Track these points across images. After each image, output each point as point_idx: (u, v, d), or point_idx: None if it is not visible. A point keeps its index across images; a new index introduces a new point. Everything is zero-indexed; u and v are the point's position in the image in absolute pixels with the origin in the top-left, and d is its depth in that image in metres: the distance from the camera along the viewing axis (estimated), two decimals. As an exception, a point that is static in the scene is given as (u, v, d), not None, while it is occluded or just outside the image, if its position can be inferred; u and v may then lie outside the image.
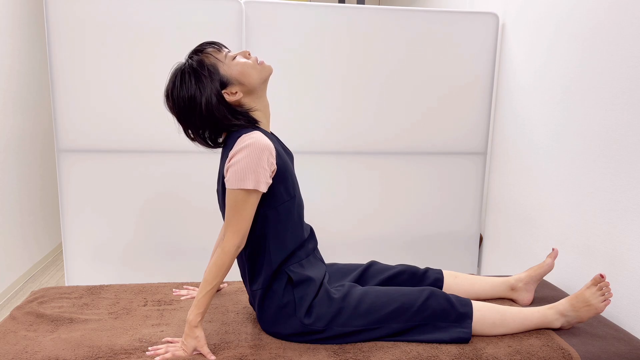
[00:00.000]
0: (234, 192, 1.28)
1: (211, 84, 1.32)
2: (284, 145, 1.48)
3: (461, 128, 2.43)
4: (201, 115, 1.32)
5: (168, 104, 1.36)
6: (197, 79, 1.31)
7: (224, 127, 1.36)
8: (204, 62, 1.33)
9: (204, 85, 1.31)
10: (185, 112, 1.33)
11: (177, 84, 1.33)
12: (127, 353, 1.30)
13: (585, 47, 1.76)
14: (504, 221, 2.34)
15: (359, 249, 2.50)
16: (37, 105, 3.48)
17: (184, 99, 1.32)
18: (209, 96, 1.31)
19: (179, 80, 1.33)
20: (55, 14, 2.09)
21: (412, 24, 2.30)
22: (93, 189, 2.25)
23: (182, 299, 1.64)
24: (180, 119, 1.35)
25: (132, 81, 2.18)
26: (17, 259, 3.15)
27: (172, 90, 1.33)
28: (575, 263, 1.83)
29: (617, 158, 1.62)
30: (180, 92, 1.32)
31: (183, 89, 1.32)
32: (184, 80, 1.32)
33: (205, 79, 1.31)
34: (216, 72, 1.33)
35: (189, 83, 1.31)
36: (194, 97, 1.31)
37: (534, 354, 1.34)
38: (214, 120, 1.34)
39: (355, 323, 1.37)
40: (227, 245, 1.28)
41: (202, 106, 1.31)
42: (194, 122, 1.34)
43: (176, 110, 1.34)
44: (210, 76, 1.32)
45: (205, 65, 1.32)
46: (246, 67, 1.35)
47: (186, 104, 1.32)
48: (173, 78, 1.34)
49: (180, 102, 1.32)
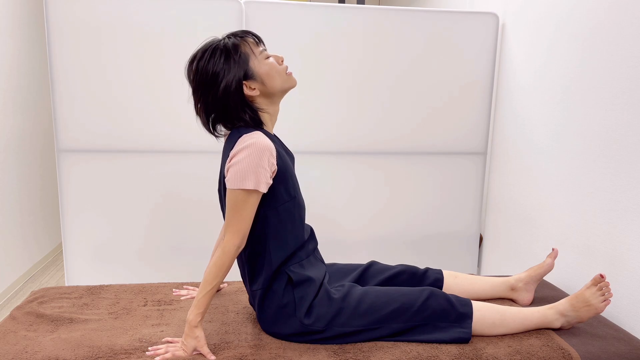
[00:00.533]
0: (234, 192, 1.28)
1: (237, 70, 1.32)
2: (285, 146, 1.48)
3: (461, 128, 2.43)
4: (216, 96, 1.32)
5: (189, 71, 1.36)
6: (226, 59, 1.31)
7: (229, 117, 1.36)
8: (238, 47, 1.33)
9: (230, 68, 1.31)
10: (203, 86, 1.33)
11: (205, 57, 1.32)
12: (127, 353, 1.30)
13: (585, 47, 1.76)
14: (504, 221, 2.34)
15: (359, 249, 2.50)
16: (37, 105, 3.48)
17: (207, 73, 1.32)
18: (230, 81, 1.31)
19: (209, 54, 1.32)
20: (55, 14, 2.09)
21: (412, 24, 2.30)
22: (93, 189, 2.25)
23: (182, 299, 1.64)
24: (195, 90, 1.35)
25: (132, 81, 2.18)
26: (17, 259, 3.15)
27: (199, 61, 1.33)
28: (575, 263, 1.83)
29: (617, 158, 1.62)
30: (206, 65, 1.32)
31: (210, 63, 1.31)
32: (214, 55, 1.32)
33: (234, 63, 1.32)
34: (246, 61, 1.33)
35: (218, 60, 1.31)
36: (217, 75, 1.31)
37: (534, 354, 1.34)
38: (225, 106, 1.34)
39: (355, 323, 1.37)
40: (227, 246, 1.28)
41: (221, 87, 1.31)
42: (207, 99, 1.34)
43: (195, 81, 1.34)
44: (239, 62, 1.32)
45: (239, 50, 1.33)
46: (273, 70, 1.36)
47: (207, 79, 1.32)
48: (204, 50, 1.33)
49: (202, 75, 1.32)
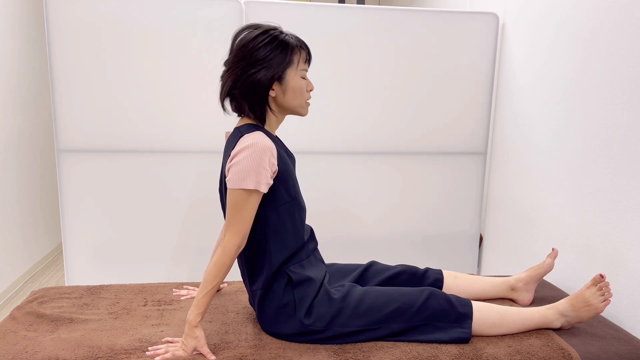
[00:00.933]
0: (235, 192, 1.28)
1: (278, 68, 1.33)
2: (285, 147, 1.48)
3: (461, 128, 2.43)
4: (247, 74, 1.32)
5: (237, 39, 1.35)
6: (276, 53, 1.33)
7: (244, 101, 1.36)
8: (293, 51, 1.35)
9: (276, 63, 1.33)
10: (244, 63, 1.32)
11: (261, 40, 1.32)
12: (127, 353, 1.30)
13: (585, 47, 1.76)
14: (504, 221, 2.34)
15: (359, 249, 2.50)
16: (37, 105, 3.48)
17: (254, 54, 1.32)
18: (269, 74, 1.32)
19: (267, 38, 1.32)
20: (55, 14, 2.09)
21: (412, 24, 2.30)
22: (93, 189, 2.25)
23: (182, 299, 1.64)
24: (235, 60, 1.34)
25: (132, 81, 2.18)
26: (17, 259, 3.15)
27: (254, 39, 1.32)
28: (575, 263, 1.83)
29: (617, 158, 1.62)
30: (259, 45, 1.32)
31: (262, 48, 1.32)
32: (271, 42, 1.33)
33: (281, 61, 1.34)
34: (286, 68, 1.35)
35: (269, 48, 1.32)
36: (260, 61, 1.32)
37: (534, 354, 1.34)
38: (248, 88, 1.34)
39: (355, 323, 1.37)
40: (227, 246, 1.29)
41: (258, 74, 1.32)
42: (237, 72, 1.33)
43: (237, 51, 1.33)
44: (284, 63, 1.34)
45: (290, 54, 1.35)
46: (299, 91, 1.38)
47: (251, 59, 1.32)
48: (266, 31, 1.34)
49: (250, 52, 1.32)
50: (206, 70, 2.21)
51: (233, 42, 1.36)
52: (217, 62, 2.21)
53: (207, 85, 2.23)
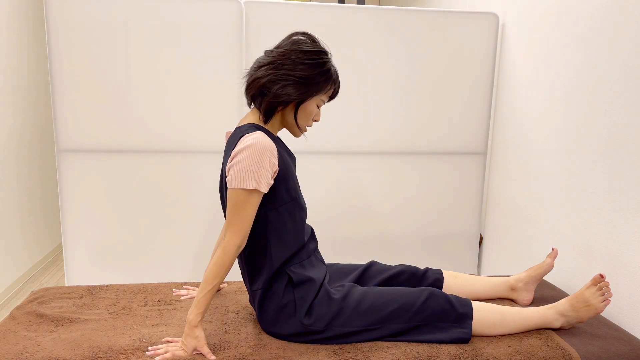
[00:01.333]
0: (235, 192, 1.28)
1: (309, 93, 1.35)
2: (286, 147, 1.48)
3: (461, 128, 2.43)
4: (280, 80, 1.32)
5: (291, 41, 1.36)
6: (317, 79, 1.35)
7: (261, 97, 1.36)
8: (327, 84, 1.37)
9: (310, 88, 1.35)
10: (284, 65, 1.33)
11: (312, 59, 1.34)
12: (127, 353, 1.30)
13: (585, 47, 1.76)
14: (504, 221, 2.34)
15: (359, 249, 2.50)
16: (37, 105, 3.48)
17: (297, 65, 1.32)
18: (297, 91, 1.33)
19: (316, 61, 1.34)
20: (55, 14, 2.09)
21: (412, 24, 2.30)
22: (93, 189, 2.25)
23: (182, 299, 1.64)
24: (279, 57, 1.33)
25: (132, 81, 2.18)
26: (17, 259, 3.15)
27: (307, 53, 1.33)
28: (575, 263, 1.83)
29: (617, 158, 1.62)
30: (305, 61, 1.33)
31: (308, 67, 1.33)
32: (318, 67, 1.34)
33: (315, 89, 1.35)
34: (314, 95, 1.37)
35: (315, 71, 1.34)
36: (300, 78, 1.32)
37: (534, 354, 1.34)
38: (273, 92, 1.34)
39: (355, 323, 1.37)
40: (227, 246, 1.29)
41: (289, 85, 1.33)
42: (273, 72, 1.33)
43: (286, 53, 1.33)
44: (315, 91, 1.36)
45: (325, 85, 1.37)
46: (308, 117, 1.41)
47: (293, 68, 1.32)
48: (318, 55, 1.35)
49: (294, 59, 1.33)
50: (206, 70, 2.21)
51: (286, 40, 1.37)
52: (217, 62, 2.21)
53: (207, 85, 2.23)
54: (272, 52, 1.36)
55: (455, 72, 2.37)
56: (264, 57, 1.37)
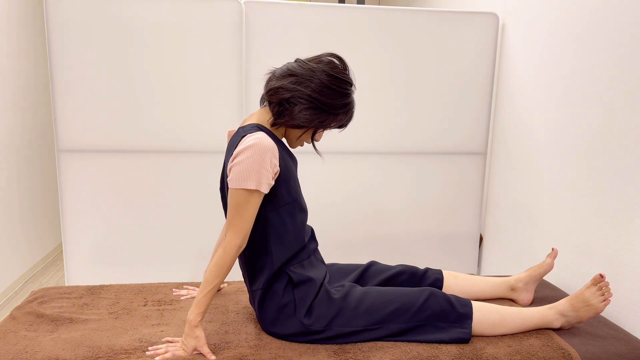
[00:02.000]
0: (236, 192, 1.29)
1: (325, 120, 1.36)
2: (288, 149, 1.48)
3: (461, 128, 2.43)
4: (302, 99, 1.32)
5: (322, 61, 1.35)
6: (338, 110, 1.36)
7: (277, 107, 1.36)
8: (345, 115, 1.38)
9: (329, 116, 1.35)
10: (312, 82, 1.32)
11: (340, 88, 1.34)
12: (127, 353, 1.30)
13: (585, 47, 1.76)
14: (504, 221, 2.34)
15: (359, 249, 2.50)
16: (37, 105, 3.48)
17: (324, 89, 1.33)
18: (315, 117, 1.34)
19: (343, 91, 1.35)
20: (55, 14, 2.09)
21: (412, 24, 2.30)
22: (93, 189, 2.25)
23: (182, 299, 1.64)
24: (308, 73, 1.33)
25: (132, 81, 2.18)
26: (17, 259, 3.15)
27: (337, 81, 1.34)
28: (575, 263, 1.83)
29: (617, 158, 1.62)
30: (332, 87, 1.33)
31: (335, 95, 1.34)
32: (343, 97, 1.35)
33: (333, 118, 1.36)
34: (329, 125, 1.38)
35: (339, 102, 1.35)
36: (323, 103, 1.33)
37: (534, 354, 1.34)
38: (290, 107, 1.34)
39: (355, 323, 1.37)
40: (228, 246, 1.29)
41: (309, 108, 1.33)
42: (299, 87, 1.32)
43: (317, 72, 1.33)
44: (332, 119, 1.37)
45: (342, 116, 1.38)
46: (309, 138, 1.44)
47: (319, 91, 1.32)
48: (347, 86, 1.36)
49: (324, 82, 1.33)
50: (206, 70, 2.21)
51: (320, 58, 1.36)
52: (217, 62, 2.21)
53: (207, 85, 2.23)
54: (304, 64, 1.35)
55: (455, 72, 2.37)
56: (294, 65, 1.36)
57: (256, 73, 2.25)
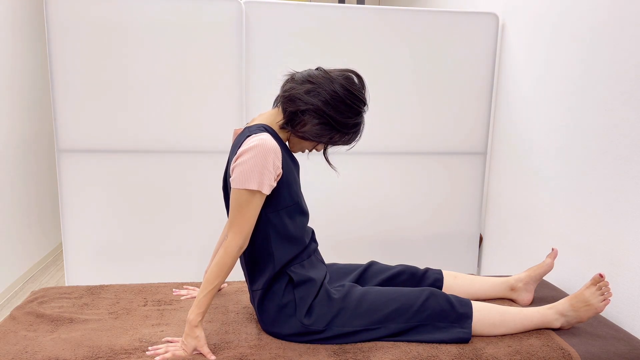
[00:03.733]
0: (238, 192, 1.29)
1: (334, 137, 1.37)
2: (290, 153, 1.47)
3: (461, 128, 2.43)
4: (316, 114, 1.33)
5: (342, 76, 1.35)
6: (349, 129, 1.36)
7: (290, 114, 1.36)
8: (356, 132, 1.39)
9: (339, 132, 1.36)
10: (329, 93, 1.32)
11: (354, 108, 1.35)
12: (127, 353, 1.30)
13: (585, 47, 1.77)
14: (504, 221, 2.34)
15: (359, 249, 2.50)
16: (37, 105, 3.48)
17: (339, 105, 1.33)
18: (325, 132, 1.35)
19: (356, 109, 1.35)
20: (55, 14, 2.09)
21: (412, 24, 2.30)
22: (93, 189, 2.25)
23: (182, 299, 1.64)
24: (328, 86, 1.33)
25: (132, 81, 2.18)
26: (17, 259, 3.15)
27: (354, 98, 1.34)
28: (575, 263, 1.83)
29: (616, 158, 1.63)
30: (347, 103, 1.33)
31: (350, 114, 1.34)
32: (355, 116, 1.36)
33: (341, 136, 1.37)
34: (336, 143, 1.39)
35: (350, 120, 1.35)
36: (337, 122, 1.34)
37: (534, 354, 1.34)
38: (310, 120, 1.34)
39: (355, 323, 1.37)
40: (229, 246, 1.29)
41: (323, 124, 1.34)
42: (314, 102, 1.32)
43: (334, 84, 1.33)
44: (343, 137, 1.38)
45: (354, 134, 1.39)
46: (313, 147, 1.44)
47: (334, 106, 1.32)
48: (361, 104, 1.36)
49: (340, 97, 1.33)
50: (206, 70, 2.21)
51: (341, 71, 1.36)
52: (217, 62, 2.21)
53: (207, 85, 2.23)
54: (325, 74, 1.35)
55: (455, 72, 2.37)
56: (315, 72, 1.36)
57: (256, 73, 2.25)
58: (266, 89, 2.27)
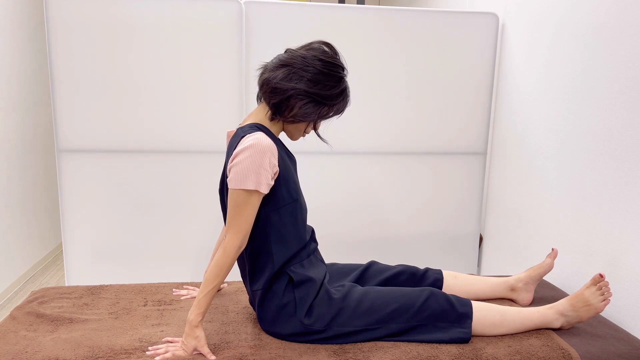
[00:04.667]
0: (235, 192, 1.29)
1: (327, 109, 1.37)
2: (287, 149, 1.48)
3: (461, 128, 2.43)
4: (301, 92, 1.32)
5: (310, 48, 1.35)
6: (337, 103, 1.37)
7: (273, 99, 1.35)
8: (344, 98, 1.38)
9: (329, 108, 1.36)
10: (305, 69, 1.32)
11: (338, 83, 1.34)
12: (127, 353, 1.30)
13: (586, 47, 1.77)
14: (504, 221, 2.34)
15: (359, 249, 2.50)
16: (37, 105, 3.48)
17: (323, 80, 1.33)
18: (315, 111, 1.35)
19: (328, 73, 1.33)
20: (55, 14, 2.09)
21: (412, 24, 2.30)
22: (93, 189, 2.25)
23: (182, 299, 1.64)
24: (301, 62, 1.32)
25: (132, 81, 2.18)
26: (17, 259, 3.15)
27: (334, 76, 1.34)
28: (575, 263, 1.83)
29: (616, 158, 1.63)
30: (324, 69, 1.32)
31: (325, 80, 1.33)
32: (333, 78, 1.34)
33: (329, 110, 1.38)
34: (328, 115, 1.39)
35: (331, 85, 1.34)
36: (323, 97, 1.34)
37: (534, 354, 1.34)
38: (289, 103, 1.34)
39: (355, 323, 1.37)
40: (228, 246, 1.29)
41: (310, 102, 1.33)
42: (298, 82, 1.32)
43: (306, 59, 1.33)
44: (332, 108, 1.38)
45: (342, 102, 1.38)
46: (309, 128, 1.44)
47: (317, 82, 1.32)
48: (342, 81, 1.36)
49: (322, 74, 1.32)
50: (206, 70, 2.21)
51: (307, 46, 1.36)
52: (217, 62, 2.21)
53: (207, 85, 2.23)
54: (294, 53, 1.35)
55: (455, 72, 2.37)
56: (285, 56, 1.36)
57: (256, 73, 2.25)
58: (266, 89, 2.27)
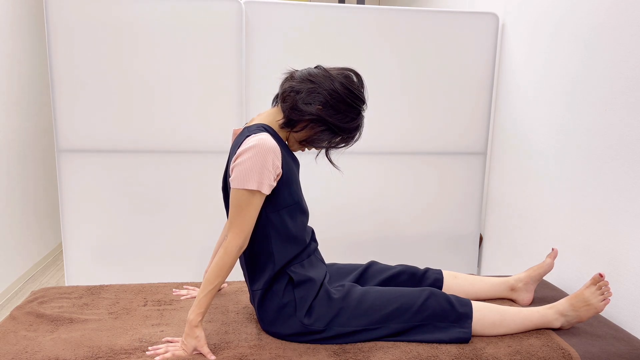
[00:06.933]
0: (238, 192, 1.29)
1: (340, 139, 1.39)
2: (290, 152, 1.47)
3: (461, 128, 2.43)
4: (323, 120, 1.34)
5: (341, 74, 1.36)
6: (350, 133, 1.39)
7: (291, 117, 1.36)
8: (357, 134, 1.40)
9: (342, 139, 1.39)
10: (321, 90, 1.33)
11: (348, 101, 1.34)
12: (127, 353, 1.30)
13: (586, 47, 1.77)
14: (504, 221, 2.34)
15: (359, 249, 2.50)
16: (37, 105, 3.48)
17: (341, 107, 1.34)
18: (331, 140, 1.38)
19: (348, 102, 1.34)
20: (55, 14, 2.09)
21: (412, 24, 2.30)
22: (93, 189, 2.25)
23: (182, 299, 1.64)
24: (328, 85, 1.33)
25: (132, 81, 2.18)
26: (17, 259, 3.15)
27: (352, 92, 1.35)
28: (575, 263, 1.83)
29: (616, 158, 1.63)
30: (348, 98, 1.34)
31: (344, 108, 1.34)
32: (353, 110, 1.36)
33: (347, 139, 1.40)
34: (338, 146, 1.41)
35: (354, 123, 1.37)
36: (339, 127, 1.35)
37: (534, 354, 1.34)
38: (313, 127, 1.36)
39: (355, 323, 1.37)
40: (229, 246, 1.29)
41: (328, 130, 1.36)
42: (308, 95, 1.33)
43: (334, 83, 1.34)
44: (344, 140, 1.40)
45: (355, 137, 1.41)
46: (299, 147, 1.45)
47: (337, 112, 1.34)
48: (359, 101, 1.37)
49: (341, 100, 1.34)
50: (206, 70, 2.21)
51: (340, 70, 1.37)
52: (217, 62, 2.21)
53: (207, 85, 2.23)
54: (325, 72, 1.35)
55: (455, 72, 2.37)
56: (315, 71, 1.37)
57: (256, 73, 2.25)
58: (266, 89, 2.27)
